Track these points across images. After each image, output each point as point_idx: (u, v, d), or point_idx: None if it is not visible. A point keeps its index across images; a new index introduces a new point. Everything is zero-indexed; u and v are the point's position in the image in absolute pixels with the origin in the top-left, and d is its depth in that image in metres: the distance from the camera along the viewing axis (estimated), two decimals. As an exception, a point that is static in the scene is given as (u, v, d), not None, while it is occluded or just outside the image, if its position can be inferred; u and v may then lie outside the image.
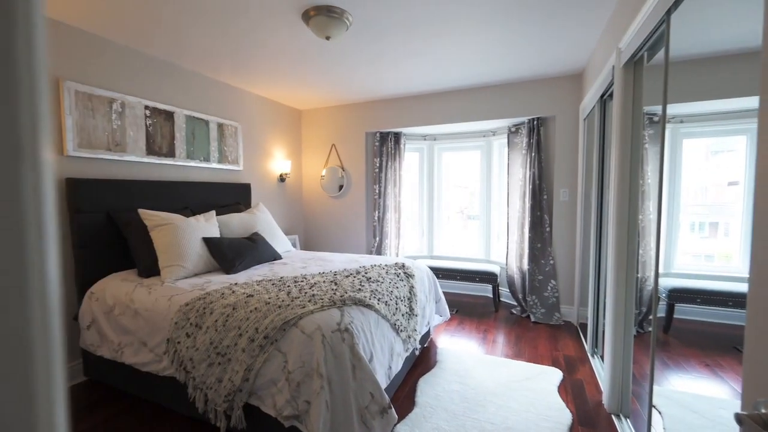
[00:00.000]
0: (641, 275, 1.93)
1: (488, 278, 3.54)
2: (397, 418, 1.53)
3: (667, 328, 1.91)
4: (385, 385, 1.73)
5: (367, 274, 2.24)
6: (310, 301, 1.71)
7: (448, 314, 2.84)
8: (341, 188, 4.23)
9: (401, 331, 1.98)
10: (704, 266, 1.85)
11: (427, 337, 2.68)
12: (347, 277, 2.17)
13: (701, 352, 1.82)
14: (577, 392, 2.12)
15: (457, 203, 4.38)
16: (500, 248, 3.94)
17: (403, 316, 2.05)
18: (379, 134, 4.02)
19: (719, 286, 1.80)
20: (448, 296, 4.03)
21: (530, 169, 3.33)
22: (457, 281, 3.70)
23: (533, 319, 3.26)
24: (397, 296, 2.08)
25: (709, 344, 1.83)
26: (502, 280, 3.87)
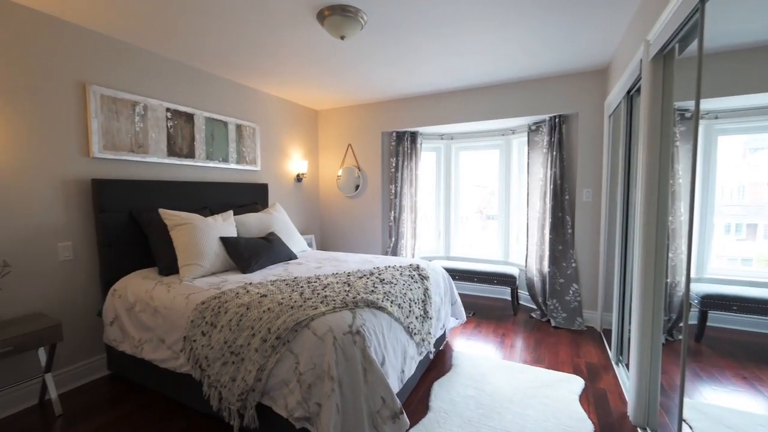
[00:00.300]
0: (671, 280, 1.83)
1: (507, 280, 3.45)
2: (409, 423, 1.50)
3: (699, 336, 1.80)
4: (397, 389, 1.70)
5: (380, 275, 2.21)
6: (322, 302, 1.70)
7: (464, 317, 2.78)
8: (357, 188, 4.23)
9: (415, 334, 1.94)
10: (741, 271, 1.73)
11: (442, 340, 2.63)
12: (360, 278, 2.16)
13: (737, 363, 1.70)
14: (599, 402, 2.03)
15: (475, 203, 4.29)
16: (519, 250, 3.84)
17: (417, 318, 2.01)
18: (395, 134, 3.99)
19: (758, 292, 1.68)
20: (464, 298, 3.96)
21: (551, 168, 3.22)
22: (474, 283, 3.62)
23: (554, 323, 3.15)
24: (410, 298, 2.05)
25: (746, 355, 1.71)
26: (521, 282, 3.77)
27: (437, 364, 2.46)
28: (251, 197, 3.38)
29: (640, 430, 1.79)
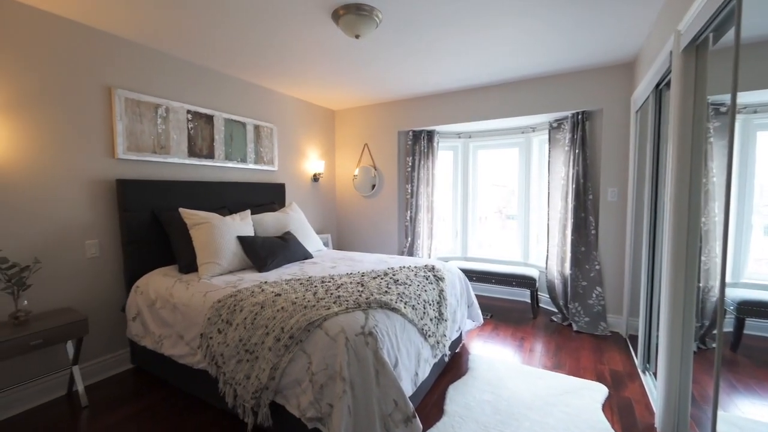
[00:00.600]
0: (704, 285, 1.72)
1: (526, 282, 3.35)
2: (422, 427, 1.47)
3: (735, 345, 1.69)
4: (411, 391, 1.67)
5: (394, 276, 2.19)
6: (335, 302, 1.70)
7: (481, 319, 2.72)
8: (373, 187, 4.22)
9: (429, 336, 1.91)
10: (783, 276, 1.61)
11: (458, 342, 2.58)
12: (374, 278, 2.14)
13: (778, 375, 1.58)
14: (624, 412, 1.93)
15: (494, 203, 4.19)
16: (539, 251, 3.72)
17: (431, 320, 1.98)
18: (411, 133, 3.96)
19: (802, 300, 1.56)
20: (482, 300, 3.88)
21: (574, 167, 3.11)
22: (492, 285, 3.54)
23: (576, 328, 3.04)
24: (425, 300, 2.01)
25: (788, 367, 1.58)
26: (541, 284, 3.66)
27: (453, 367, 2.41)
28: (269, 197, 3.43)
29: (668, 443, 1.69)
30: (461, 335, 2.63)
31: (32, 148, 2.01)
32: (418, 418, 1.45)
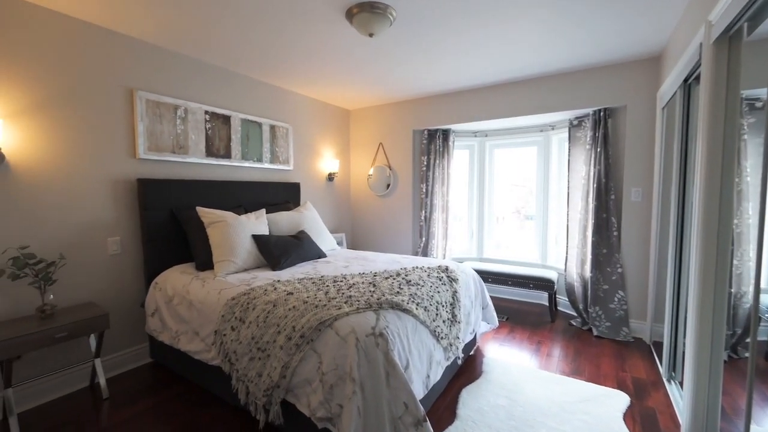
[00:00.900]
0: (736, 290, 1.63)
1: (544, 285, 3.26)
2: None
3: (770, 355, 1.58)
4: (422, 394, 1.65)
5: (407, 276, 2.16)
6: (346, 302, 1.69)
7: (496, 322, 2.66)
8: (388, 187, 4.20)
9: (442, 338, 1.87)
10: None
11: (472, 345, 2.53)
12: (387, 278, 2.12)
13: (819, 389, 1.47)
14: (647, 422, 1.84)
15: (512, 202, 4.10)
16: (558, 253, 3.62)
17: (444, 322, 1.94)
18: (426, 132, 3.92)
19: None
20: (498, 302, 3.80)
21: (595, 166, 3.00)
22: (508, 287, 3.46)
23: (596, 332, 2.93)
24: (438, 301, 1.98)
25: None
26: (560, 287, 3.55)
27: (466, 370, 2.36)
28: (284, 196, 3.46)
29: (695, 457, 1.60)
30: (475, 338, 2.58)
31: (59, 148, 2.09)
32: (429, 422, 1.42)
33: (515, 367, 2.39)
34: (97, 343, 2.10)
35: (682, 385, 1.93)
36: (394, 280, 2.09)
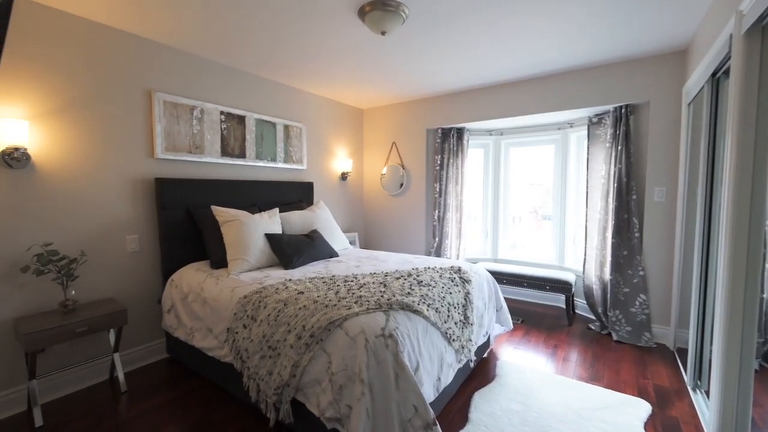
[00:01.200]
0: (767, 295, 1.53)
1: (561, 287, 3.17)
2: (443, 435, 1.41)
3: (805, 365, 1.49)
4: (433, 397, 1.62)
5: (418, 276, 2.14)
6: (356, 302, 1.68)
7: (510, 324, 2.60)
8: (401, 186, 4.17)
9: (453, 340, 1.84)
10: None
11: (485, 347, 2.48)
12: (398, 279, 2.10)
13: None
14: (670, 432, 1.76)
15: (530, 202, 4.01)
16: (576, 254, 3.51)
17: (456, 324, 1.91)
18: (440, 130, 3.87)
19: None
20: (513, 304, 3.72)
21: (615, 164, 2.89)
22: (523, 288, 3.38)
23: (616, 337, 2.83)
24: (449, 302, 1.94)
25: None
26: (577, 289, 3.45)
27: (479, 373, 2.32)
28: (297, 195, 3.48)
29: (722, 471, 1.52)
30: (489, 340, 2.53)
31: (81, 149, 2.16)
32: (438, 426, 1.39)
33: (530, 371, 2.33)
34: (116, 338, 2.16)
35: (708, 394, 1.83)
36: (405, 280, 2.06)
